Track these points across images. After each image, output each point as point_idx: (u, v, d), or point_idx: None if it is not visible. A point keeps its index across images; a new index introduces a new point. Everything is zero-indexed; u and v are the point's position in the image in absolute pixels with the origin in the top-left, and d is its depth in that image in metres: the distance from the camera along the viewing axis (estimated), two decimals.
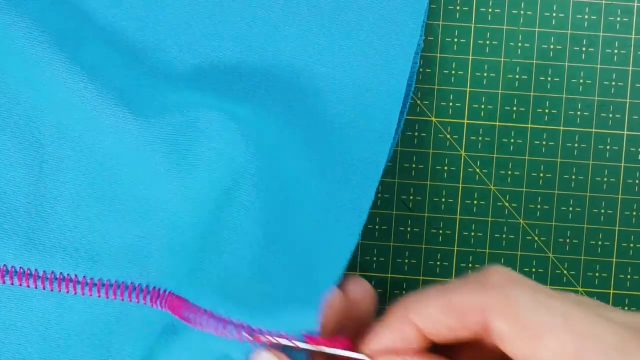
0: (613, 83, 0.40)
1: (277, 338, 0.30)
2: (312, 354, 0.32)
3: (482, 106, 0.40)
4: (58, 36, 0.35)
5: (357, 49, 0.37)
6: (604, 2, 0.39)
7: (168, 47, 0.37)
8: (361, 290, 0.34)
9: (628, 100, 0.40)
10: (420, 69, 0.40)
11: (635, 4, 0.39)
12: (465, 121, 0.40)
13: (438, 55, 0.40)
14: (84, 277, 0.35)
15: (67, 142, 0.35)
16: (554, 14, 0.40)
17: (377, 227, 0.40)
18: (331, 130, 0.37)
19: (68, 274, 0.35)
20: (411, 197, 0.40)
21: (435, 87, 0.40)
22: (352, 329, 0.32)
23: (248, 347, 0.31)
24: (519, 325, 0.28)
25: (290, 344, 0.30)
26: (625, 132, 0.39)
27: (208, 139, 0.35)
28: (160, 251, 0.35)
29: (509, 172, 0.40)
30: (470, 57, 0.40)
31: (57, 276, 0.35)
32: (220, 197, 0.35)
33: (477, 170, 0.40)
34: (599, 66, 0.40)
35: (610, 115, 0.40)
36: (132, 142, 0.35)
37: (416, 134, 0.40)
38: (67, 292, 0.35)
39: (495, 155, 0.40)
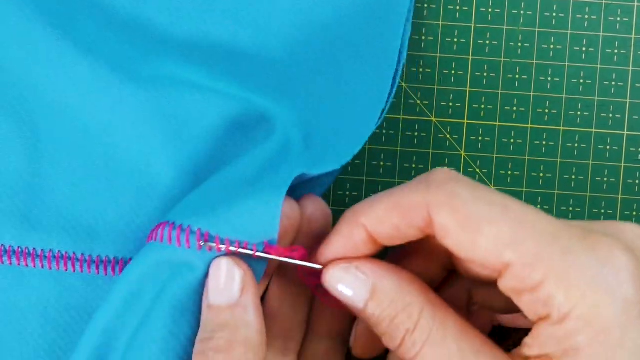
0: (613, 83, 0.40)
1: (236, 248, 0.30)
2: (269, 263, 0.32)
3: (482, 106, 0.40)
4: (50, 14, 0.35)
5: (350, 17, 0.38)
6: (604, 2, 0.39)
7: (159, 21, 0.37)
8: (317, 208, 0.34)
9: (628, 101, 0.40)
10: (420, 69, 0.40)
11: (636, 4, 0.39)
12: (465, 121, 0.40)
13: (438, 55, 0.40)
14: (82, 254, 0.35)
15: (61, 121, 0.35)
16: (554, 14, 0.40)
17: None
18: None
19: (66, 252, 0.35)
20: None
21: (435, 87, 0.39)
22: (306, 247, 0.33)
23: (209, 256, 0.31)
24: (460, 217, 0.28)
25: (248, 253, 0.31)
26: (626, 132, 0.39)
27: (203, 114, 0.35)
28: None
29: (509, 172, 0.39)
30: (470, 57, 0.39)
31: (56, 254, 0.35)
32: (214, 171, 0.35)
33: (477, 170, 0.40)
34: (599, 66, 0.40)
35: (611, 116, 0.40)
36: (128, 117, 0.35)
37: (416, 134, 0.39)
38: (66, 270, 0.35)
39: (495, 155, 0.40)
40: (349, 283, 0.31)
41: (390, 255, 0.34)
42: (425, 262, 0.33)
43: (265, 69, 0.37)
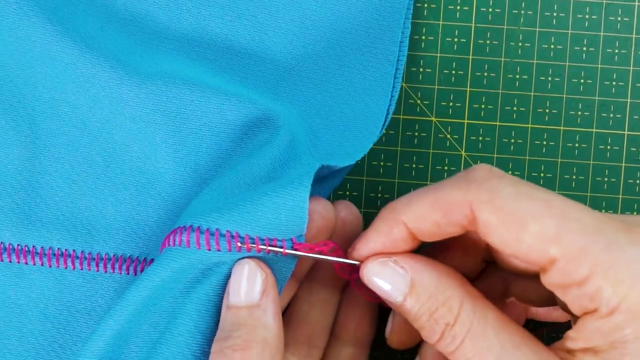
0: (614, 83, 0.39)
1: (266, 246, 0.30)
2: (298, 266, 0.32)
3: (482, 106, 0.39)
4: (48, 10, 0.35)
5: (348, 11, 0.38)
6: (604, 1, 0.39)
7: (158, 17, 0.37)
8: (350, 212, 0.34)
9: (629, 100, 0.39)
10: (420, 69, 0.39)
11: (636, 4, 0.39)
12: (465, 121, 0.39)
13: (438, 55, 0.39)
14: (82, 252, 0.35)
15: (60, 118, 0.35)
16: (555, 14, 0.39)
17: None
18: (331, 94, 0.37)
19: (66, 249, 0.35)
20: None
21: (435, 87, 0.39)
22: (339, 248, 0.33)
23: (238, 256, 0.31)
24: (504, 214, 0.28)
25: (279, 250, 0.31)
26: (626, 132, 0.39)
27: (203, 110, 0.35)
28: (157, 223, 0.35)
29: (510, 172, 0.39)
30: (470, 57, 0.39)
31: (55, 252, 0.35)
32: (214, 167, 0.35)
33: None
34: (599, 66, 0.39)
35: (611, 115, 0.39)
36: (128, 113, 0.35)
37: (416, 134, 0.39)
38: (66, 267, 0.35)
39: (495, 155, 0.40)
40: (387, 277, 0.31)
41: (426, 248, 0.34)
42: (463, 255, 0.33)
43: (265, 64, 0.37)
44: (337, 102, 0.37)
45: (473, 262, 0.34)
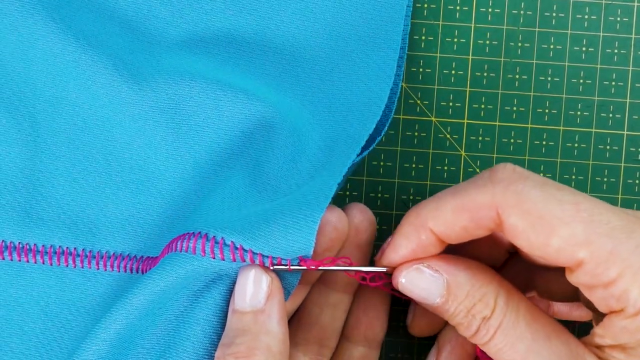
0: (613, 83, 0.39)
1: (269, 264, 0.30)
2: (311, 272, 0.32)
3: (482, 106, 0.40)
4: (51, 8, 0.35)
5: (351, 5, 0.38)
6: (604, 2, 0.39)
7: (160, 13, 0.37)
8: (364, 217, 0.34)
9: (628, 100, 0.39)
10: (420, 69, 0.40)
11: (635, 4, 0.39)
12: (465, 121, 0.40)
13: (438, 55, 0.40)
14: (82, 250, 0.35)
15: (61, 116, 0.36)
16: (554, 14, 0.40)
17: (377, 226, 0.40)
18: (332, 88, 0.37)
19: (67, 248, 0.35)
20: (411, 197, 0.40)
21: (435, 87, 0.40)
22: (352, 255, 0.33)
23: (241, 265, 0.30)
24: (532, 218, 0.28)
25: (283, 268, 0.30)
26: (625, 132, 0.39)
27: (202, 108, 0.35)
28: (156, 221, 0.35)
29: None
30: (470, 57, 0.39)
31: (56, 250, 0.35)
32: (214, 166, 0.35)
33: (477, 170, 0.40)
34: (599, 66, 0.39)
35: (610, 115, 0.40)
36: (129, 111, 0.35)
37: (416, 134, 0.39)
38: (67, 265, 0.35)
39: (495, 155, 0.40)
40: (423, 283, 0.31)
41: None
42: (489, 249, 0.34)
43: (268, 55, 0.37)
44: (341, 90, 0.37)
45: (498, 254, 0.34)
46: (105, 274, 0.35)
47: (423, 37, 0.39)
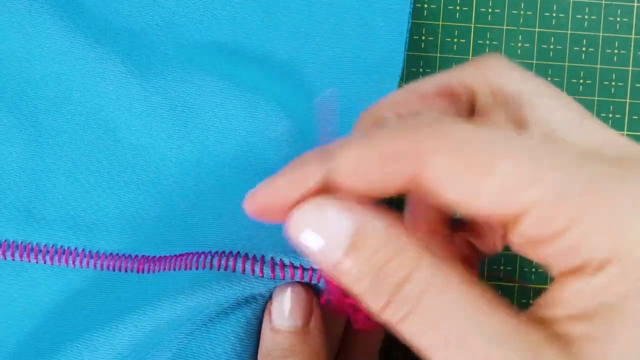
0: (613, 83, 0.40)
1: (309, 278, 0.29)
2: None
3: None
4: (59, 6, 0.35)
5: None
6: (604, 2, 0.40)
7: (166, 3, 0.37)
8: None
9: (628, 101, 0.40)
10: (420, 69, 0.40)
11: (635, 4, 0.39)
12: None
13: (438, 55, 0.40)
14: (83, 249, 0.35)
15: (63, 116, 0.36)
16: (554, 14, 0.40)
17: None
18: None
19: (69, 247, 0.35)
20: None
21: None
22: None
23: (276, 284, 0.30)
24: (457, 161, 0.21)
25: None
26: (625, 132, 0.39)
27: (210, 106, 0.35)
28: (154, 220, 0.35)
29: None
30: (471, 57, 0.40)
31: (58, 249, 0.35)
32: (216, 165, 0.35)
33: None
34: (598, 66, 0.40)
35: (610, 116, 0.40)
36: (134, 108, 0.35)
37: None
38: (67, 265, 0.35)
39: None
40: (323, 228, 0.22)
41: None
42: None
43: (274, 46, 0.37)
44: (356, 53, 0.37)
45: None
46: (106, 274, 0.35)
47: (423, 37, 0.39)
